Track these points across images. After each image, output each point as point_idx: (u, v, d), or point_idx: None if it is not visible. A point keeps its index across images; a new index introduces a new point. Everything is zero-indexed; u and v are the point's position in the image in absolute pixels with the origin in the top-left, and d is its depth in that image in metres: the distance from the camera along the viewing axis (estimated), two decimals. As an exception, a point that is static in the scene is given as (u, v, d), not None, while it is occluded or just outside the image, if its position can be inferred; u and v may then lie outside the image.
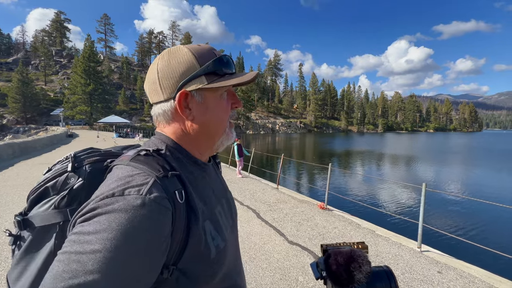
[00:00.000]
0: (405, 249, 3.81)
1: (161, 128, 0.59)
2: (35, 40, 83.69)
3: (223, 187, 0.68)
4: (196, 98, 0.55)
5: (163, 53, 0.57)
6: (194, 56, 0.55)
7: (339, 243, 0.60)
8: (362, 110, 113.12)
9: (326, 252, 0.56)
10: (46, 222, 0.49)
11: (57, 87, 64.00)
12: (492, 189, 11.82)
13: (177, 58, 0.55)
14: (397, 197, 9.91)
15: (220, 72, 0.56)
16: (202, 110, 0.56)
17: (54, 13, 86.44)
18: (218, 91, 0.57)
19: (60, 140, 22.46)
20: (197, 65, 0.54)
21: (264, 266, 3.21)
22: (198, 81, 0.54)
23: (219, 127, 0.59)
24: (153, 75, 0.56)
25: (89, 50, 51.09)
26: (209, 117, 0.57)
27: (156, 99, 0.57)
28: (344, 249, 0.55)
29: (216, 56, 0.57)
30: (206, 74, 0.55)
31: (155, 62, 0.57)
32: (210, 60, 0.55)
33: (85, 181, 0.53)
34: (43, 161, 11.20)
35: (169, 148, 0.56)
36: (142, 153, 0.51)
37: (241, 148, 8.90)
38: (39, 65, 70.85)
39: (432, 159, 23.18)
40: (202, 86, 0.54)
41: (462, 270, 3.27)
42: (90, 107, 48.72)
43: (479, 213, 8.02)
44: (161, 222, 0.42)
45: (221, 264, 0.54)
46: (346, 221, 4.86)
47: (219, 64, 0.56)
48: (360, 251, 0.53)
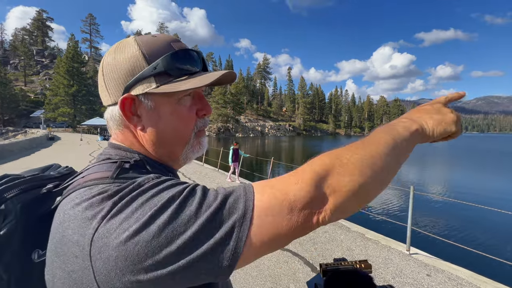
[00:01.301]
0: (394, 252, 3.83)
1: (113, 135, 0.50)
2: (15, 38, 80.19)
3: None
4: (144, 103, 0.45)
5: (111, 47, 0.48)
6: (141, 51, 0.44)
7: (340, 262, 0.54)
8: (349, 114, 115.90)
9: (326, 272, 0.52)
10: None
11: (38, 88, 61.44)
12: (476, 190, 12.29)
13: (123, 53, 0.45)
14: (386, 200, 10.08)
15: (173, 72, 0.44)
16: (154, 118, 0.46)
17: (36, 11, 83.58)
18: (174, 96, 0.46)
19: (40, 143, 21.44)
20: (144, 63, 0.44)
21: (254, 274, 3.12)
22: (145, 83, 0.44)
23: (177, 139, 0.48)
24: (100, 74, 0.47)
25: (73, 50, 49.55)
26: (163, 127, 0.46)
27: (105, 101, 0.48)
28: (346, 269, 0.51)
29: (173, 50, 0.45)
30: (156, 75, 0.44)
31: (102, 59, 0.48)
32: (163, 57, 0.44)
33: (17, 220, 0.41)
34: (20, 165, 10.60)
35: (143, 159, 0.46)
36: (126, 166, 0.42)
37: (237, 152, 8.57)
38: (18, 64, 67.86)
39: (418, 161, 23.92)
40: (149, 90, 0.44)
41: (450, 272, 3.31)
42: (74, 109, 47.06)
43: (464, 215, 8.27)
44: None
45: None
46: (336, 225, 4.85)
47: (172, 61, 0.44)
48: (364, 272, 0.50)
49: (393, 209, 8.81)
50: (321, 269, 0.53)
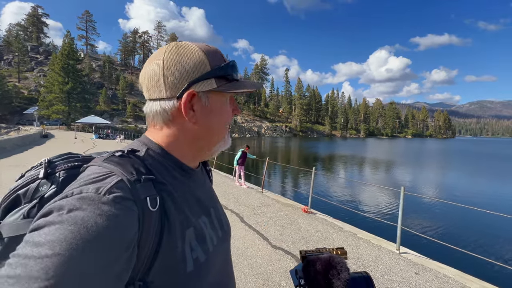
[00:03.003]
0: (384, 251, 3.91)
1: (152, 128, 0.55)
2: (9, 34, 78.82)
3: (211, 196, 0.64)
4: (203, 100, 0.52)
5: (169, 47, 0.53)
6: (206, 56, 0.52)
7: (319, 249, 0.57)
8: (345, 116, 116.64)
9: (305, 259, 0.55)
10: (14, 232, 0.45)
11: (32, 85, 60.48)
12: (465, 192, 12.52)
13: (188, 54, 0.51)
14: (378, 200, 10.21)
15: (230, 77, 0.54)
16: (206, 113, 0.53)
17: (31, 7, 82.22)
18: (224, 96, 0.55)
19: (33, 140, 21.16)
20: (208, 66, 0.52)
21: (247, 271, 3.16)
22: (207, 83, 0.51)
23: (220, 132, 0.56)
24: (156, 69, 0.51)
25: (69, 47, 48.89)
26: (213, 121, 0.54)
27: (156, 95, 0.52)
28: (323, 255, 0.53)
29: (224, 59, 0.55)
30: (217, 77, 0.52)
31: (158, 55, 0.52)
32: (221, 63, 0.53)
33: (57, 189, 0.49)
34: (12, 162, 10.47)
35: (150, 150, 0.52)
36: (117, 154, 0.47)
37: (245, 156, 8.19)
38: (12, 60, 66.70)
39: (410, 163, 24.24)
40: (211, 89, 0.52)
41: (438, 271, 3.40)
42: (68, 107, 46.37)
43: (453, 215, 8.45)
44: (118, 224, 0.38)
45: (201, 280, 0.49)
46: (328, 225, 4.92)
47: (230, 69, 0.54)
48: (339, 257, 0.52)
49: (384, 210, 8.94)
50: (301, 256, 0.56)
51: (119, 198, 0.39)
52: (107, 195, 0.39)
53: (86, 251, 0.34)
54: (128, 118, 62.35)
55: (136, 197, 0.42)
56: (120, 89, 69.49)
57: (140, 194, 0.42)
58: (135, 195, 0.42)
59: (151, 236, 0.42)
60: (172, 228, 0.46)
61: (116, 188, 0.40)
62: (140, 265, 0.42)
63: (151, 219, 0.42)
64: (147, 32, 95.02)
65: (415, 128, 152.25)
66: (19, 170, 5.19)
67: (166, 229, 0.45)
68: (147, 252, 0.42)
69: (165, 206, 0.46)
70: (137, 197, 0.42)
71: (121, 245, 0.38)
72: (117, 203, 0.39)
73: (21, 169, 0.47)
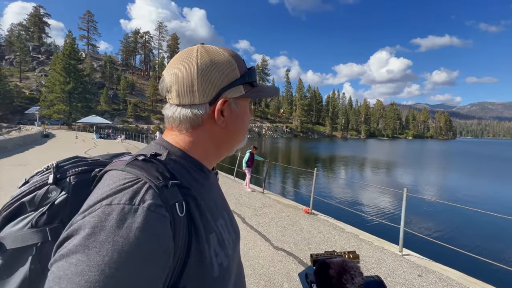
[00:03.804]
0: (387, 253, 3.88)
1: (176, 132, 0.53)
2: (11, 34, 79.06)
3: (224, 198, 0.63)
4: (232, 106, 0.53)
5: (199, 51, 0.51)
6: (235, 62, 0.53)
7: (330, 253, 0.56)
8: (346, 117, 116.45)
9: (317, 262, 0.53)
10: (20, 243, 0.43)
11: (34, 85, 60.59)
12: (468, 193, 12.46)
13: (220, 60, 0.51)
14: (380, 201, 10.18)
15: (254, 83, 0.56)
16: (234, 118, 0.54)
17: (33, 7, 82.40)
18: (248, 101, 0.57)
19: (35, 140, 21.18)
20: (238, 72, 0.53)
21: (249, 273, 3.14)
22: (237, 89, 0.53)
23: (244, 135, 0.59)
24: (190, 74, 0.49)
25: (70, 47, 48.92)
26: (240, 125, 0.56)
27: (189, 101, 0.50)
28: (336, 259, 0.52)
29: (245, 64, 0.56)
30: (244, 83, 0.54)
31: (188, 59, 0.50)
32: (245, 69, 0.55)
33: (69, 195, 0.47)
34: (13, 162, 10.47)
35: (171, 154, 0.50)
36: (140, 158, 0.45)
37: (253, 157, 7.81)
38: (14, 60, 66.86)
39: (413, 164, 24.18)
40: (241, 95, 0.53)
41: (441, 273, 3.37)
42: (69, 106, 46.43)
43: (456, 217, 8.40)
44: (158, 233, 0.37)
45: (226, 285, 0.48)
46: (330, 226, 4.90)
47: (254, 75, 0.55)
48: (352, 261, 0.51)
49: (387, 211, 8.91)
50: (312, 259, 0.55)
51: (153, 206, 0.38)
52: (142, 204, 0.38)
53: (135, 268, 0.33)
54: (129, 118, 62.34)
55: (166, 203, 0.40)
56: (121, 89, 69.52)
57: (169, 200, 0.41)
58: (165, 201, 0.40)
59: (181, 242, 0.41)
60: (199, 233, 0.45)
61: (148, 196, 0.39)
62: (172, 272, 0.40)
63: (180, 225, 0.41)
64: (148, 33, 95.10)
65: (416, 129, 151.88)
66: (20, 169, 5.19)
67: (194, 235, 0.44)
68: (178, 259, 0.41)
69: (190, 211, 0.45)
70: (167, 203, 0.41)
71: (164, 255, 0.37)
72: (152, 211, 0.38)
73: (22, 169, 0.52)
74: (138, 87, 79.33)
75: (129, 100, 68.48)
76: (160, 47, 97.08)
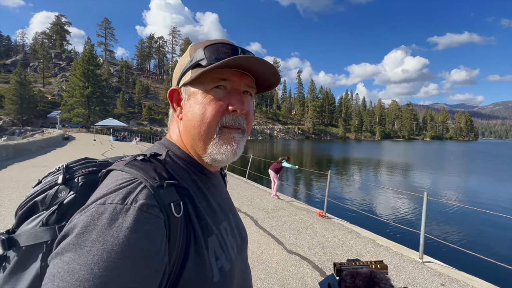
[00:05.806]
0: (406, 259, 3.72)
1: (169, 131, 0.57)
2: (35, 42, 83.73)
3: (229, 201, 0.61)
4: (183, 94, 0.51)
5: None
6: (190, 52, 0.51)
7: (353, 261, 0.53)
8: (359, 118, 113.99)
9: (341, 272, 0.50)
10: (33, 241, 0.44)
11: (55, 90, 63.70)
12: (493, 197, 11.79)
13: (186, 54, 0.52)
14: (397, 205, 9.82)
15: (203, 63, 0.47)
16: (187, 108, 0.50)
17: (55, 16, 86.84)
18: (203, 85, 0.48)
19: (56, 142, 22.18)
20: (189, 59, 0.50)
21: (262, 276, 3.10)
22: (186, 76, 0.50)
23: (201, 131, 0.49)
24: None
25: (89, 53, 51.12)
26: (191, 115, 0.49)
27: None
28: (363, 270, 0.48)
29: (225, 49, 0.48)
30: (192, 67, 0.49)
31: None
32: (204, 50, 0.48)
33: (77, 195, 0.48)
34: (37, 163, 10.99)
35: (170, 153, 0.50)
36: (139, 158, 0.46)
37: (281, 166, 7.34)
38: (37, 67, 70.62)
39: (433, 167, 23.23)
40: (185, 81, 0.50)
41: (466, 282, 3.18)
42: (88, 110, 48.45)
43: (481, 222, 7.94)
44: (149, 233, 0.36)
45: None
46: (345, 230, 4.77)
47: (203, 53, 0.47)
48: (381, 272, 0.47)
49: (405, 216, 8.57)
50: (335, 268, 0.51)
51: (145, 206, 0.38)
52: (134, 204, 0.37)
53: (124, 268, 0.33)
54: (143, 120, 64.10)
55: (160, 204, 0.40)
56: (136, 92, 71.68)
57: (164, 200, 0.41)
58: (159, 201, 0.40)
59: (178, 244, 0.40)
60: (197, 235, 0.44)
61: (141, 196, 0.39)
62: (169, 274, 0.40)
63: (176, 226, 0.41)
64: (162, 38, 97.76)
65: (433, 130, 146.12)
66: (43, 170, 5.42)
67: (192, 237, 0.43)
68: (175, 261, 0.40)
69: (188, 212, 0.44)
70: (161, 203, 0.40)
71: (157, 257, 0.37)
72: (144, 211, 0.37)
73: (44, 170, 0.53)
74: (152, 90, 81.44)
75: (144, 103, 70.46)
76: (173, 51, 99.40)
